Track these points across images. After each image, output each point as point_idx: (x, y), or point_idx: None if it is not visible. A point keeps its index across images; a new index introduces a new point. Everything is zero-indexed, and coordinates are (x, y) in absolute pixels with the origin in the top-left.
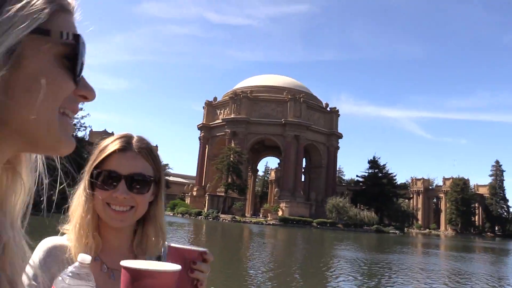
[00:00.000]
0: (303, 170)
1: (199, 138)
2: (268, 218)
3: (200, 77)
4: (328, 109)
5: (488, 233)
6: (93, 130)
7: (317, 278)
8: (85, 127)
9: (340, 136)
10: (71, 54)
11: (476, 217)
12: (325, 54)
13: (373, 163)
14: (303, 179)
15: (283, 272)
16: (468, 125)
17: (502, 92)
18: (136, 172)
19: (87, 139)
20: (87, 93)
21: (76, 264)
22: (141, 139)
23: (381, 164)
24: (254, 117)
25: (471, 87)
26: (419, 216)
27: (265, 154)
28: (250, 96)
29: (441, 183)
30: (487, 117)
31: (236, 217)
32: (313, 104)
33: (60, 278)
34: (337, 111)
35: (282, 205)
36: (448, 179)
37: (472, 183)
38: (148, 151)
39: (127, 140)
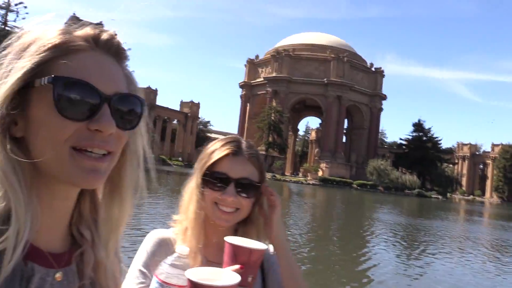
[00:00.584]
0: (344, 131)
1: (241, 96)
2: (308, 178)
3: (241, 34)
4: (372, 69)
5: None
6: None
7: (356, 241)
8: None
9: (384, 97)
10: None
11: None
12: (370, 10)
13: (418, 126)
14: (344, 140)
15: (321, 233)
16: None
17: None
18: (244, 177)
19: None
20: (99, 127)
21: (176, 255)
22: (250, 145)
23: (426, 127)
24: (296, 76)
25: None
26: (463, 182)
27: (306, 114)
28: (292, 54)
29: (489, 149)
30: None
31: (276, 175)
32: (357, 64)
33: (161, 266)
34: (382, 71)
35: (322, 165)
36: (497, 145)
37: None
38: (257, 157)
39: (237, 145)
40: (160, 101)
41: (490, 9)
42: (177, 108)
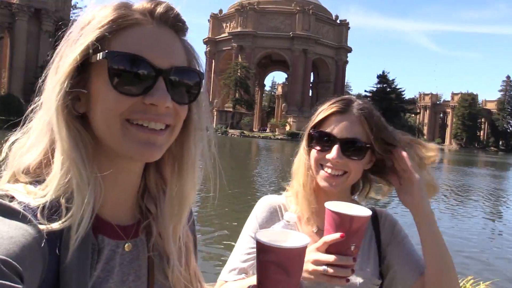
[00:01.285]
0: (310, 85)
1: (205, 53)
2: (276, 133)
3: None
4: (338, 21)
5: (492, 148)
6: None
7: None
8: None
9: (349, 50)
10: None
11: (482, 132)
12: None
13: (382, 77)
14: (310, 94)
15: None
16: (482, 39)
17: None
18: (351, 137)
19: None
20: (153, 101)
21: (283, 221)
22: (363, 103)
23: (390, 79)
24: (261, 31)
25: None
26: (425, 131)
27: (272, 69)
28: (257, 8)
29: (449, 98)
30: (503, 30)
31: (245, 132)
32: (323, 16)
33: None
34: (347, 23)
35: (290, 120)
36: (457, 94)
37: (480, 98)
38: (370, 116)
39: (346, 102)
40: None
41: None
42: None
